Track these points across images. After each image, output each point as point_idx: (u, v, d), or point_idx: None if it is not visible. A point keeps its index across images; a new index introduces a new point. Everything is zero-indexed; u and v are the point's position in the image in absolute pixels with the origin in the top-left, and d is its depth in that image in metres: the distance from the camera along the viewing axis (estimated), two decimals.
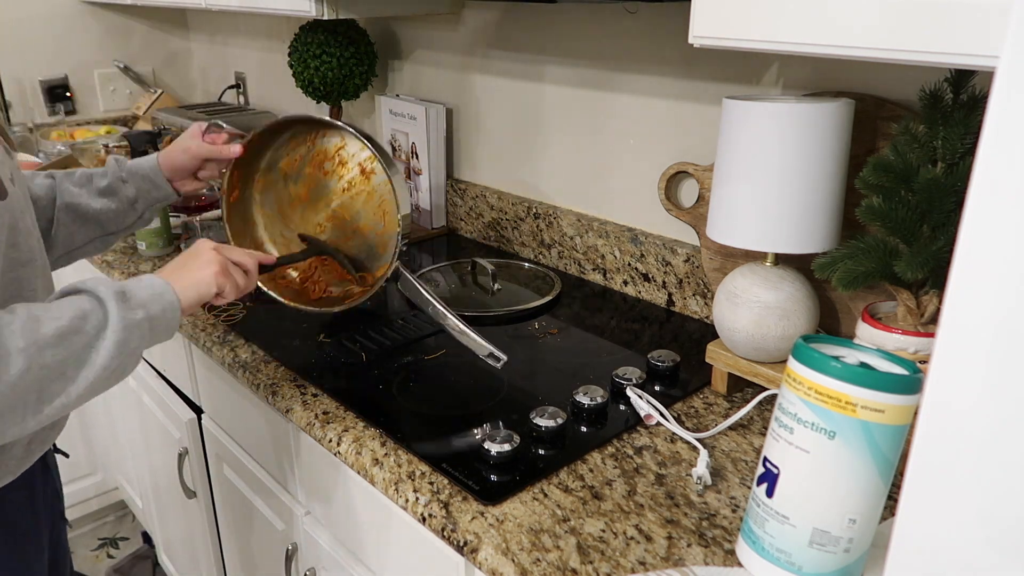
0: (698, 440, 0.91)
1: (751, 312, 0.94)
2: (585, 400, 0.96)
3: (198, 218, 1.54)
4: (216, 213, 1.64)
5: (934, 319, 0.85)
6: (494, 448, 0.86)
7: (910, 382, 0.61)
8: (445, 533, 0.79)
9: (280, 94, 2.18)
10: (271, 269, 1.00)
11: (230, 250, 0.90)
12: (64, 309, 0.72)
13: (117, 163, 1.06)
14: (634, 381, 1.01)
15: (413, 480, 0.85)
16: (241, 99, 2.34)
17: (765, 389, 1.00)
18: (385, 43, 1.76)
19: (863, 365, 0.65)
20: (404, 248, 1.05)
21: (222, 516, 1.44)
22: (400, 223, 1.05)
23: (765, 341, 0.94)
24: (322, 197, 1.16)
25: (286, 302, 1.10)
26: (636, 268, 1.31)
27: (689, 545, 0.75)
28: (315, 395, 1.02)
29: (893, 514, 0.42)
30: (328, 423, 0.96)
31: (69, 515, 2.02)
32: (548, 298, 1.29)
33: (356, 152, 1.13)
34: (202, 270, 0.84)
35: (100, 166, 1.78)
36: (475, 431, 0.93)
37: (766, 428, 0.94)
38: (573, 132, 1.39)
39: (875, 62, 0.67)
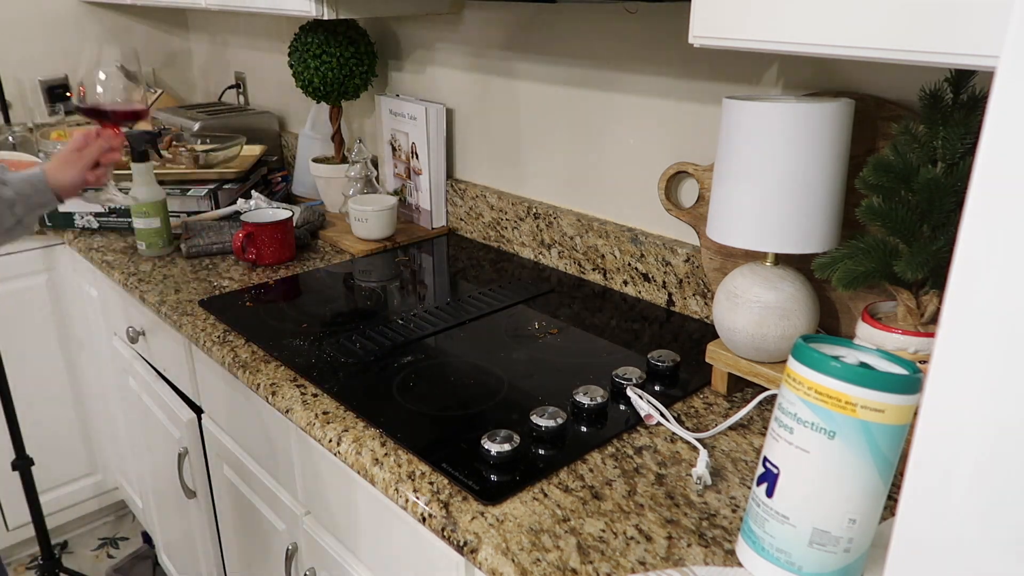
0: (698, 440, 0.91)
1: (751, 312, 0.94)
2: (585, 400, 0.96)
3: (198, 218, 1.54)
4: (216, 213, 1.64)
5: (934, 319, 0.85)
6: (494, 448, 0.86)
7: (910, 382, 0.61)
8: (445, 533, 0.79)
9: (280, 94, 2.18)
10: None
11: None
12: None
13: None
14: (634, 381, 1.01)
15: (413, 480, 0.85)
16: (241, 99, 2.34)
17: (765, 389, 1.00)
18: (385, 43, 1.76)
19: (863, 365, 0.65)
20: None
21: (222, 516, 1.44)
22: None
23: (765, 341, 0.94)
24: None
25: None
26: (636, 268, 1.31)
27: (689, 545, 0.75)
28: (315, 395, 1.02)
29: (893, 514, 0.42)
30: (328, 423, 0.96)
31: (69, 515, 2.04)
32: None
33: None
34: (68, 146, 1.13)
35: None
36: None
37: (766, 428, 0.94)
38: (573, 132, 1.39)
39: (875, 62, 0.67)
